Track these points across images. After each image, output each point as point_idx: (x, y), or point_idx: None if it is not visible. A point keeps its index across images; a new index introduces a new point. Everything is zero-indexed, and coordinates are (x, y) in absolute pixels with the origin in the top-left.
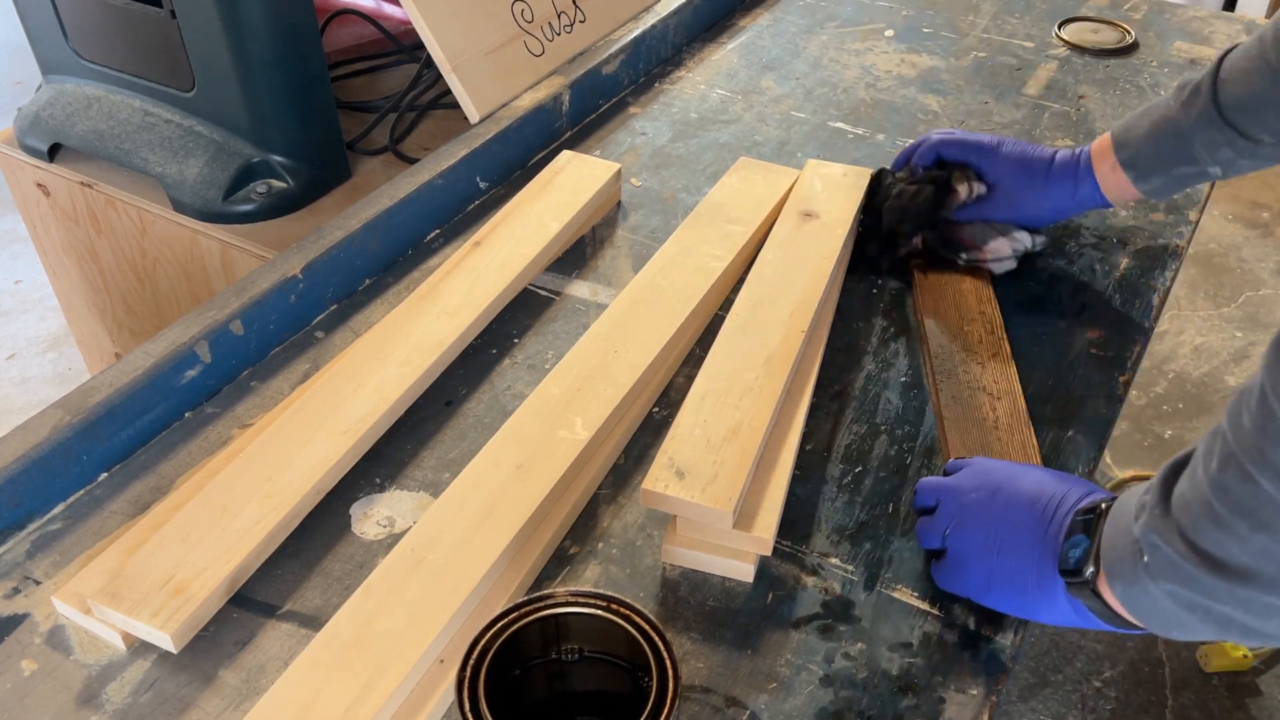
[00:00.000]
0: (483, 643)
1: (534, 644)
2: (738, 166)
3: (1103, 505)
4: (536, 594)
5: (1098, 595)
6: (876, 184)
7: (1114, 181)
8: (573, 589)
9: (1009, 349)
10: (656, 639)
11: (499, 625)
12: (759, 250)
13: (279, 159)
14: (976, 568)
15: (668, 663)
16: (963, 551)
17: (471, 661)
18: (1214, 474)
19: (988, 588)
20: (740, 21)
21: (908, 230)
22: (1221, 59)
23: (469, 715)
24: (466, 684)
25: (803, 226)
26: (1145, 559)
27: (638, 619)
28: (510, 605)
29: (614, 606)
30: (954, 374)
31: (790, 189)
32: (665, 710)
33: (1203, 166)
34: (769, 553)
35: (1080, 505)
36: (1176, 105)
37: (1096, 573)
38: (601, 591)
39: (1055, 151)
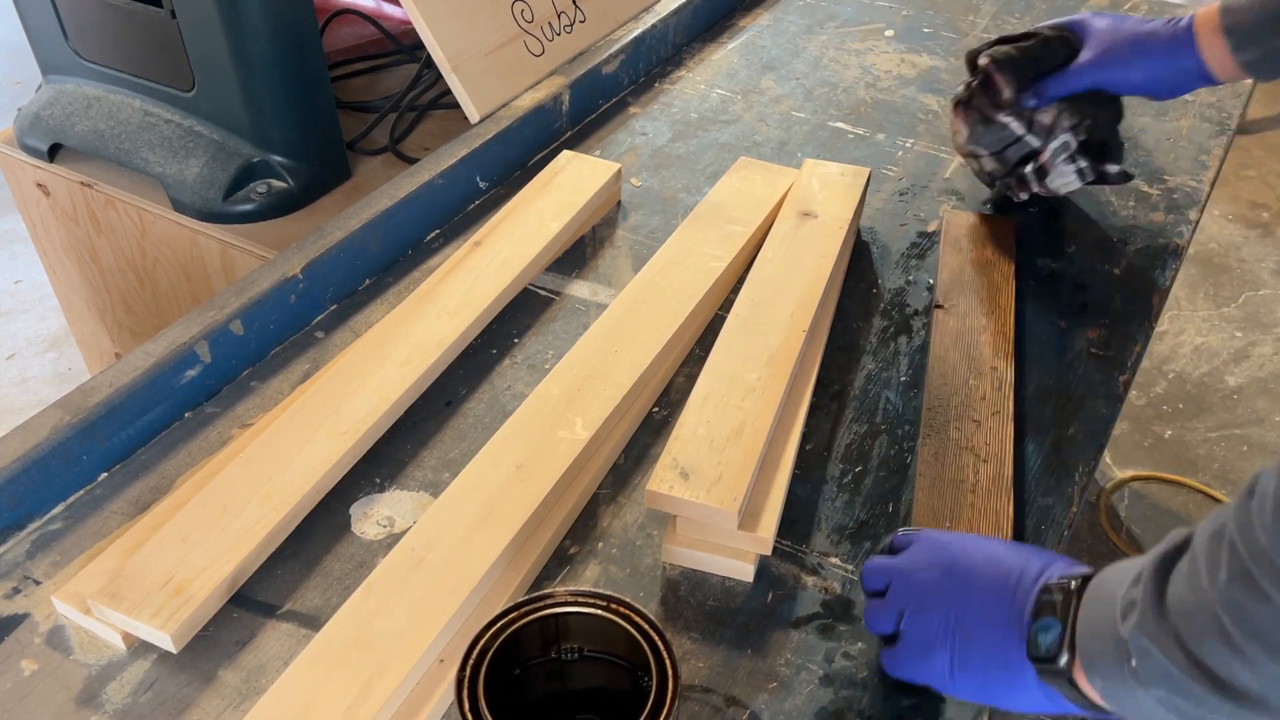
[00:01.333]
0: (483, 642)
1: (534, 644)
2: (738, 166)
3: (1072, 584)
4: (536, 594)
5: (1074, 684)
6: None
7: (1214, 51)
8: (572, 589)
9: (1013, 408)
10: (656, 639)
11: (499, 625)
12: (759, 250)
13: (279, 159)
14: (939, 655)
15: (667, 662)
16: (921, 637)
17: (471, 661)
18: (1223, 587)
19: (950, 675)
20: (740, 21)
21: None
22: None
23: (469, 715)
24: (466, 684)
25: (801, 226)
26: (1133, 663)
27: (637, 619)
28: (510, 605)
29: (614, 606)
30: (943, 430)
31: (792, 187)
32: (665, 710)
33: None
34: (769, 552)
35: (1045, 580)
36: None
37: (1072, 660)
38: (601, 591)
39: (1154, 20)
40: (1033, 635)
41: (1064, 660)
